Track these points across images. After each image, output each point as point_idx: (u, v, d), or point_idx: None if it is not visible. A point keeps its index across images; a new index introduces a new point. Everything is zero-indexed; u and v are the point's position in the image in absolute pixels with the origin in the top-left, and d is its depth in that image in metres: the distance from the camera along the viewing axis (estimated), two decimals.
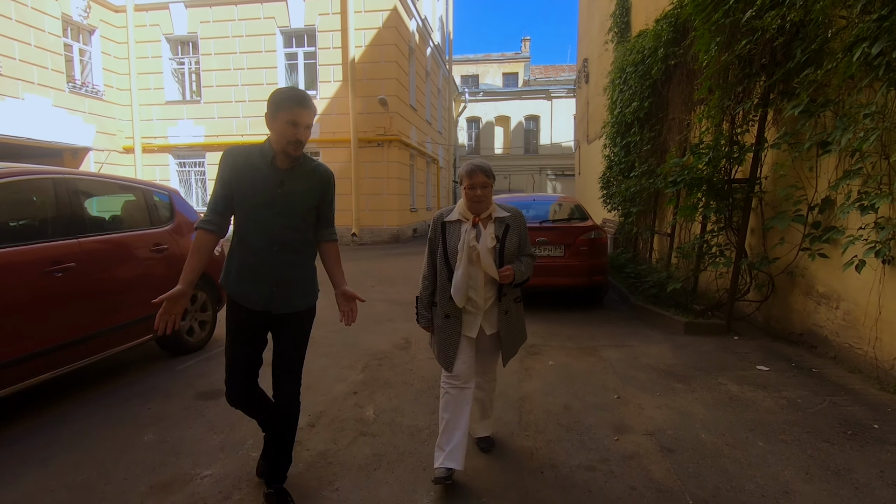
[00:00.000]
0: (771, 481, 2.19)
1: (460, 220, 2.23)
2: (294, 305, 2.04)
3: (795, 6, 3.34)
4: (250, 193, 1.93)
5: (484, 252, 2.14)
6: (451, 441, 2.18)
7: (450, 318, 2.24)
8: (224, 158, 1.97)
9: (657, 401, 3.11)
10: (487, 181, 2.16)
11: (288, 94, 1.92)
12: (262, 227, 1.95)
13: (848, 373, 3.48)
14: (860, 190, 3.16)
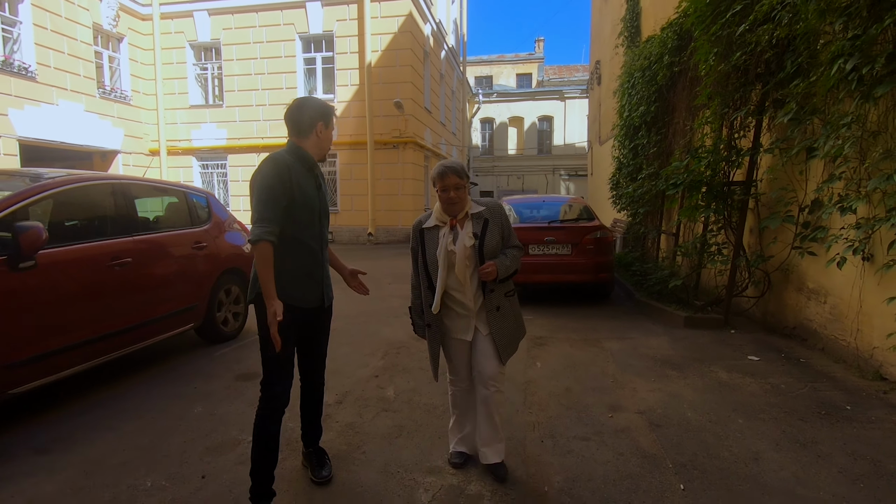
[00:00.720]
0: (744, 450, 2.49)
1: (437, 225, 2.20)
2: (331, 296, 2.25)
3: (782, 24, 3.61)
4: (307, 198, 2.04)
5: (461, 254, 2.11)
6: (462, 431, 2.40)
7: (431, 328, 2.25)
8: (279, 168, 1.96)
9: (651, 385, 3.41)
10: (460, 182, 2.11)
11: (328, 109, 2.12)
12: (314, 230, 2.10)
13: (832, 362, 3.74)
14: (839, 193, 3.42)
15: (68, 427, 2.83)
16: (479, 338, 2.22)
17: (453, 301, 2.21)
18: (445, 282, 2.14)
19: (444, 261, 2.12)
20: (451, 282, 2.16)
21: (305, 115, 2.05)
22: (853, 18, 3.02)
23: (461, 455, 2.38)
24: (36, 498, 2.14)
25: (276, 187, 1.94)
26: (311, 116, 2.06)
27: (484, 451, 2.31)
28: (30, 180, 3.12)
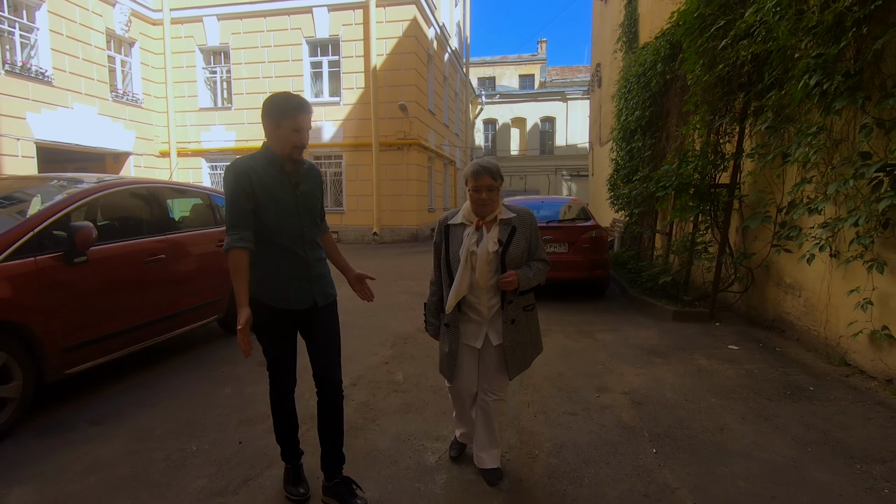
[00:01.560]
0: (712, 423, 2.82)
1: (464, 223, 2.14)
2: (330, 295, 2.16)
3: (757, 40, 3.94)
4: (278, 201, 1.97)
5: (482, 258, 2.06)
6: (464, 424, 2.43)
7: (449, 328, 2.18)
8: (237, 174, 1.94)
9: (636, 371, 3.75)
10: (494, 183, 2.06)
11: (294, 102, 1.96)
12: (291, 230, 2.01)
13: (805, 351, 4.06)
14: (808, 195, 3.75)
15: (115, 403, 3.19)
16: (489, 347, 2.16)
17: (468, 305, 2.14)
18: (466, 283, 2.07)
19: (467, 262, 2.05)
20: (471, 285, 2.10)
21: (264, 113, 1.99)
22: (817, 38, 3.34)
23: (461, 448, 2.49)
24: (100, 458, 2.50)
25: (237, 194, 1.93)
26: (266, 114, 1.98)
27: (480, 456, 2.27)
28: (67, 184, 3.49)
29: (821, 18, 3.20)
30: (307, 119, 1.99)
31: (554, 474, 2.33)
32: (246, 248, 1.94)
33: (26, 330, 2.76)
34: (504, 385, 2.21)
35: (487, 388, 2.20)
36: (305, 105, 1.98)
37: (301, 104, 1.96)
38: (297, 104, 1.95)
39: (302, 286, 2.05)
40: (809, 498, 2.10)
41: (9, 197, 3.40)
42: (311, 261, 2.07)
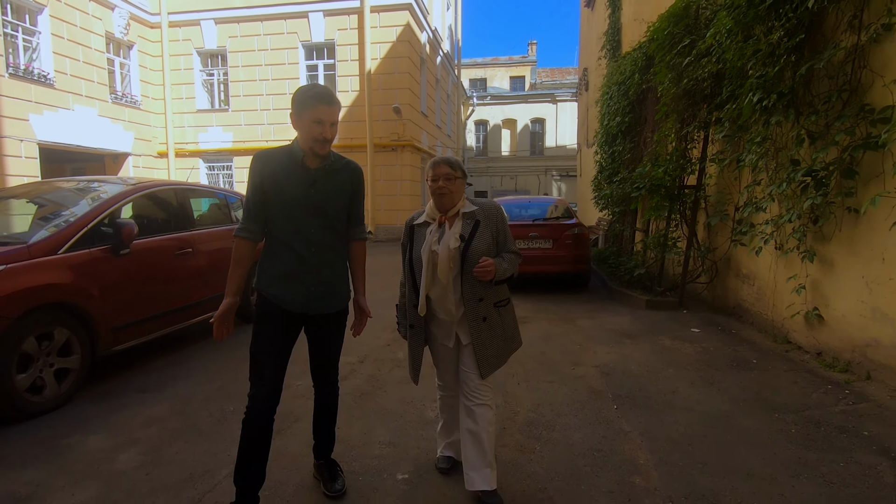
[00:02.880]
0: (666, 388, 3.36)
1: (427, 221, 2.07)
2: (331, 306, 2.04)
3: (713, 60, 4.49)
4: (285, 196, 1.91)
5: (444, 255, 1.96)
6: (450, 435, 2.31)
7: (414, 329, 2.13)
8: (254, 164, 1.94)
9: (608, 349, 4.28)
10: (451, 172, 1.99)
11: (312, 93, 1.89)
12: (299, 228, 1.93)
13: (757, 332, 4.63)
14: (756, 196, 4.31)
15: (156, 377, 3.66)
16: (462, 347, 2.08)
17: (437, 305, 2.07)
18: (428, 283, 2.00)
19: (428, 261, 1.98)
20: (435, 284, 2.02)
21: (293, 103, 1.93)
22: (759, 61, 3.89)
23: (448, 460, 2.33)
24: (153, 416, 2.98)
25: (250, 184, 1.96)
26: (292, 105, 1.93)
27: (470, 476, 2.02)
28: (107, 186, 3.95)
29: (760, 45, 3.76)
30: (328, 111, 1.88)
31: (531, 424, 2.85)
32: (247, 238, 1.96)
33: (84, 311, 3.22)
34: (483, 388, 2.04)
35: (467, 392, 2.05)
36: (327, 96, 1.89)
37: (321, 95, 1.88)
38: (317, 94, 1.88)
39: (297, 289, 1.95)
40: (732, 436, 2.64)
41: (58, 198, 3.86)
42: (315, 265, 1.95)
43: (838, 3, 3.30)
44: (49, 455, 2.50)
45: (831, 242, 3.63)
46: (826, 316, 3.72)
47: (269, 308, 1.99)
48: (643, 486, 2.19)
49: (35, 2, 12.14)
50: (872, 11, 3.12)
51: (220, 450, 2.56)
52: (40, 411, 2.94)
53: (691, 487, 2.17)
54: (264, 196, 1.94)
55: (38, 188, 4.36)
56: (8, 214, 3.85)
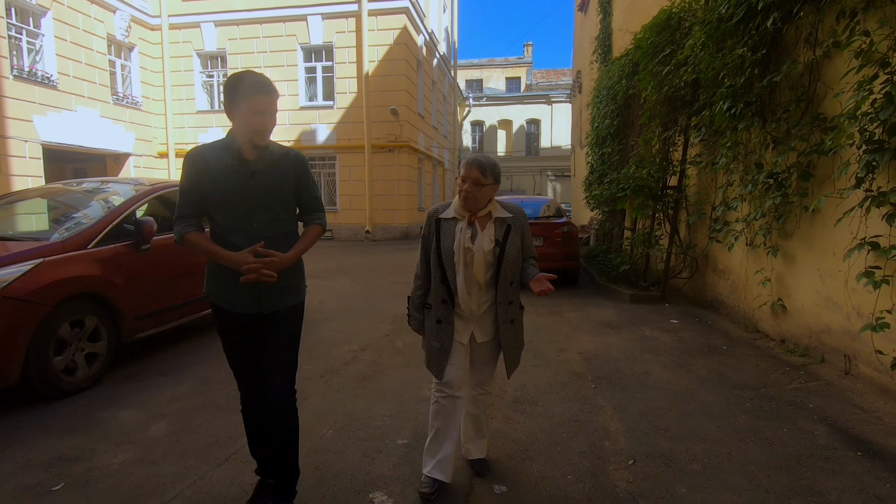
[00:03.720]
0: (641, 370, 3.70)
1: (457, 217, 2.07)
2: (283, 302, 1.95)
3: (688, 70, 4.84)
4: (222, 191, 1.81)
5: (479, 257, 2.01)
6: (440, 451, 2.14)
7: (441, 324, 2.09)
8: (187, 162, 1.85)
9: (592, 338, 4.62)
10: (482, 179, 1.97)
11: (250, 81, 1.77)
12: (240, 224, 1.84)
13: (730, 323, 4.98)
14: (729, 196, 4.66)
15: (174, 362, 3.97)
16: (475, 345, 2.16)
17: (459, 302, 2.08)
18: (465, 280, 2.04)
19: (461, 258, 2.01)
20: (467, 282, 2.05)
21: (225, 92, 1.82)
22: (729, 72, 4.23)
23: (433, 483, 2.13)
24: (176, 395, 3.29)
25: (184, 184, 1.88)
26: (227, 93, 1.81)
27: (467, 448, 2.35)
28: (126, 186, 4.26)
29: (727, 60, 4.10)
30: (268, 101, 1.78)
31: (518, 401, 3.18)
32: (193, 230, 1.87)
33: (110, 301, 3.53)
34: (491, 381, 2.31)
35: (476, 384, 2.25)
36: (265, 85, 1.78)
37: (260, 84, 1.77)
38: (256, 83, 1.77)
39: (244, 288, 1.84)
40: (693, 408, 2.97)
41: (80, 199, 4.16)
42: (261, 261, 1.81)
43: (796, 23, 3.64)
44: (88, 425, 2.82)
45: (792, 238, 3.98)
46: (788, 306, 4.07)
47: (223, 316, 1.94)
48: (611, 448, 2.53)
49: (39, 5, 12.38)
50: (825, 30, 3.46)
51: (238, 421, 2.83)
52: (73, 391, 3.25)
53: (652, 448, 2.51)
54: (200, 195, 1.85)
55: (57, 190, 4.65)
56: (33, 214, 4.15)
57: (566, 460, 2.43)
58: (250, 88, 1.76)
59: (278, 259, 1.83)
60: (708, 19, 4.34)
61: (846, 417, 2.78)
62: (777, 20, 3.55)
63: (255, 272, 1.77)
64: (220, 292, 1.92)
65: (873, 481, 2.17)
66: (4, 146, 11.60)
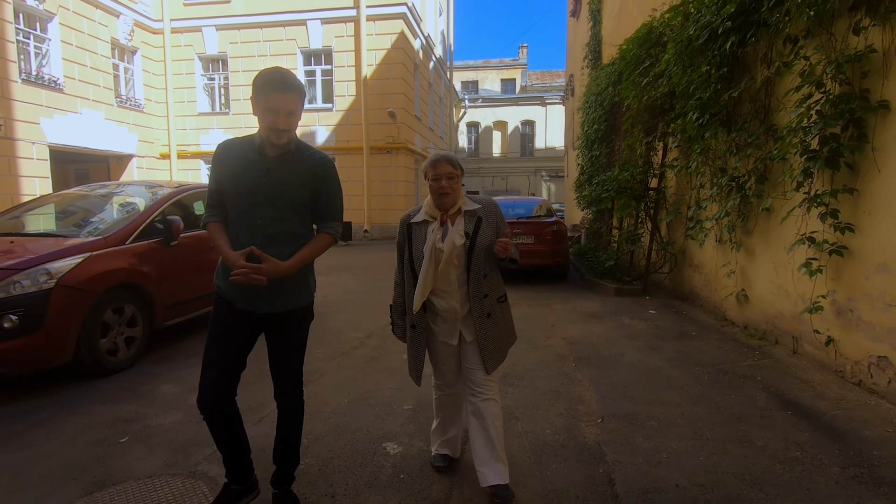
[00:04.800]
0: (617, 352, 4.16)
1: (427, 220, 2.06)
2: (282, 305, 1.92)
3: (663, 82, 5.31)
4: (235, 182, 1.84)
5: (448, 252, 1.97)
6: (446, 434, 2.27)
7: (416, 329, 2.10)
8: (216, 153, 1.91)
9: (576, 326, 5.09)
10: (454, 171, 1.99)
11: (266, 79, 1.77)
12: (247, 220, 1.85)
13: (703, 313, 5.46)
14: (699, 197, 5.14)
15: (200, 347, 4.34)
16: (465, 344, 2.09)
17: (438, 303, 2.07)
18: (430, 281, 2.00)
19: (431, 258, 1.98)
20: (437, 282, 2.03)
21: (252, 88, 1.84)
22: (699, 85, 4.71)
23: (444, 458, 2.31)
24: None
25: (213, 172, 1.94)
26: (252, 89, 1.83)
27: (482, 472, 2.06)
28: (154, 189, 4.69)
29: (692, 77, 4.58)
30: (281, 99, 1.76)
31: (507, 376, 3.63)
32: (215, 221, 1.93)
33: (146, 291, 3.96)
34: (489, 383, 2.09)
35: (474, 389, 2.09)
36: (281, 83, 1.77)
37: (275, 82, 1.76)
38: (271, 81, 1.77)
39: (242, 285, 1.81)
40: (658, 381, 3.44)
41: (112, 200, 4.59)
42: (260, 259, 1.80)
43: (753, 45, 4.11)
44: (135, 396, 3.25)
45: (752, 235, 4.45)
46: (750, 295, 4.55)
47: (220, 304, 1.95)
48: (584, 410, 2.99)
49: (45, 10, 12.74)
50: (777, 51, 3.93)
51: (265, 393, 3.31)
52: (115, 369, 3.68)
53: (618, 410, 2.97)
54: (220, 186, 1.89)
55: (84, 194, 5.05)
56: (72, 214, 4.58)
57: (546, 420, 2.89)
58: (266, 85, 1.77)
59: (269, 267, 1.79)
60: (679, 38, 4.82)
61: (785, 386, 3.26)
62: (734, 43, 4.03)
63: (244, 276, 1.76)
64: (221, 284, 1.94)
65: (796, 432, 2.64)
66: (13, 148, 11.96)
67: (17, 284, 3.14)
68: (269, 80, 1.76)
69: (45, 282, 3.22)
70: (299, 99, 1.82)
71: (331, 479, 2.27)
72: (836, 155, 3.12)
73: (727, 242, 4.76)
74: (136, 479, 2.29)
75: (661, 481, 2.21)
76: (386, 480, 2.27)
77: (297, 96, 1.80)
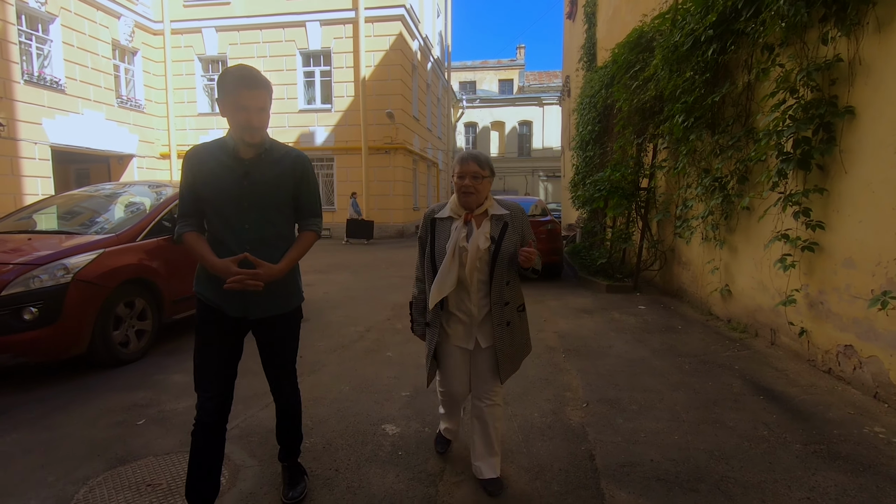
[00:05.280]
0: (605, 344, 4.37)
1: (452, 217, 2.04)
2: (273, 308, 1.92)
3: (651, 86, 5.52)
4: (216, 190, 1.80)
5: (472, 254, 1.95)
6: (448, 423, 2.42)
7: (430, 327, 2.10)
8: (185, 161, 1.84)
9: (568, 321, 5.29)
10: (480, 171, 1.97)
11: (233, 76, 1.72)
12: (232, 224, 1.81)
13: (690, 308, 5.67)
14: (687, 197, 5.34)
15: None
16: (479, 350, 2.07)
17: (455, 304, 2.06)
18: (452, 280, 1.97)
19: (455, 256, 1.96)
20: (458, 283, 2.00)
21: (216, 88, 1.79)
22: (685, 90, 4.91)
23: (445, 444, 2.49)
24: None
25: (184, 182, 1.86)
26: (216, 89, 1.79)
27: (477, 466, 2.16)
28: (160, 188, 4.88)
29: (678, 82, 4.79)
30: (251, 95, 1.72)
31: None
32: (191, 230, 1.86)
33: (155, 286, 4.14)
34: (498, 389, 2.12)
35: (481, 394, 2.10)
36: (249, 79, 1.73)
37: (243, 78, 1.72)
38: (238, 77, 1.72)
39: (231, 292, 1.79)
40: (642, 370, 3.64)
41: (120, 200, 4.78)
42: (250, 264, 1.79)
43: (735, 52, 4.32)
44: (148, 385, 3.44)
45: (735, 233, 4.66)
46: (733, 290, 4.75)
47: (207, 314, 1.89)
48: (571, 396, 3.19)
49: (47, 12, 12.89)
50: (755, 58, 4.14)
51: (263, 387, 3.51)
52: (127, 360, 3.86)
53: (602, 395, 3.18)
54: (196, 193, 1.83)
55: (93, 194, 5.24)
56: (82, 213, 4.76)
57: (534, 404, 3.09)
58: (233, 83, 1.72)
59: (264, 272, 1.79)
60: (666, 44, 5.02)
61: (760, 375, 3.47)
62: (716, 50, 4.23)
63: (240, 283, 1.74)
64: (208, 293, 1.87)
65: (765, 414, 2.84)
66: (16, 148, 12.11)
67: (37, 279, 3.32)
68: (236, 78, 1.73)
69: (63, 276, 3.41)
70: (268, 95, 1.80)
71: (335, 456, 2.47)
72: (807, 157, 3.33)
73: (711, 240, 4.97)
74: (155, 455, 2.48)
75: (637, 457, 2.41)
76: (385, 457, 2.46)
77: (266, 92, 1.78)
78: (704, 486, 2.15)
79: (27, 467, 2.37)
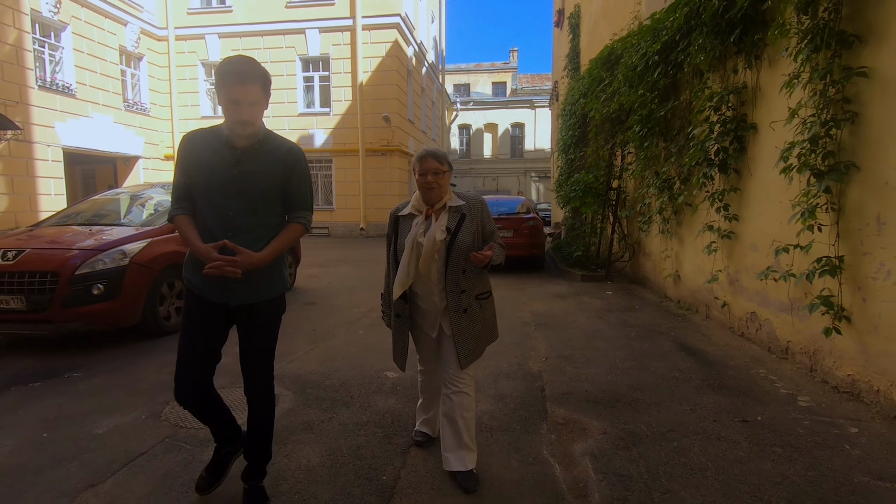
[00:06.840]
0: (570, 319, 5.17)
1: (413, 213, 2.12)
2: (255, 296, 1.93)
3: (615, 99, 6.35)
4: (205, 175, 1.83)
5: (429, 246, 2.02)
6: (427, 413, 2.49)
7: (400, 318, 2.18)
8: (181, 145, 1.87)
9: (543, 303, 6.09)
10: (440, 167, 2.04)
11: (226, 69, 1.74)
12: (217, 210, 1.84)
13: (650, 293, 6.49)
14: (646, 195, 6.17)
15: None
16: (444, 337, 2.15)
17: (419, 295, 2.16)
18: (411, 273, 2.06)
19: (412, 251, 2.04)
20: (419, 276, 2.09)
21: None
22: (640, 105, 5.73)
23: (423, 435, 2.50)
24: None
25: (178, 166, 1.90)
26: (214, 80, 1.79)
27: (446, 457, 2.15)
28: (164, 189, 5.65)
29: (634, 96, 5.61)
30: (241, 90, 1.73)
31: None
32: (182, 213, 1.89)
33: None
34: (462, 377, 2.12)
35: (447, 380, 2.15)
36: (240, 74, 1.73)
37: (234, 72, 1.73)
38: (230, 71, 1.73)
39: (212, 278, 1.82)
40: (595, 338, 4.45)
41: (155, 198, 5.55)
42: (232, 251, 1.79)
43: (682, 71, 5.14)
44: None
45: (682, 226, 5.48)
46: (681, 275, 5.58)
47: (191, 299, 1.94)
48: (534, 354, 3.99)
49: (59, 20, 13.57)
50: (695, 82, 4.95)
51: (289, 348, 4.30)
52: (169, 332, 4.62)
53: (560, 353, 3.98)
54: (188, 178, 1.87)
55: (129, 193, 6.00)
56: (125, 208, 5.52)
57: (504, 358, 3.89)
58: (225, 77, 1.74)
59: (243, 259, 1.79)
60: (627, 64, 5.84)
61: (689, 339, 4.29)
62: (661, 73, 5.05)
63: (218, 269, 1.75)
64: (193, 278, 1.91)
65: (681, 363, 3.66)
66: (31, 150, 12.79)
67: (101, 261, 4.09)
68: (228, 71, 1.73)
69: (122, 259, 4.17)
70: (262, 88, 1.79)
71: (349, 391, 3.26)
72: (725, 163, 4.15)
73: (665, 233, 5.79)
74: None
75: (576, 389, 3.22)
76: (387, 390, 3.26)
77: (259, 86, 1.77)
78: (620, 404, 2.96)
79: (119, 396, 3.15)
